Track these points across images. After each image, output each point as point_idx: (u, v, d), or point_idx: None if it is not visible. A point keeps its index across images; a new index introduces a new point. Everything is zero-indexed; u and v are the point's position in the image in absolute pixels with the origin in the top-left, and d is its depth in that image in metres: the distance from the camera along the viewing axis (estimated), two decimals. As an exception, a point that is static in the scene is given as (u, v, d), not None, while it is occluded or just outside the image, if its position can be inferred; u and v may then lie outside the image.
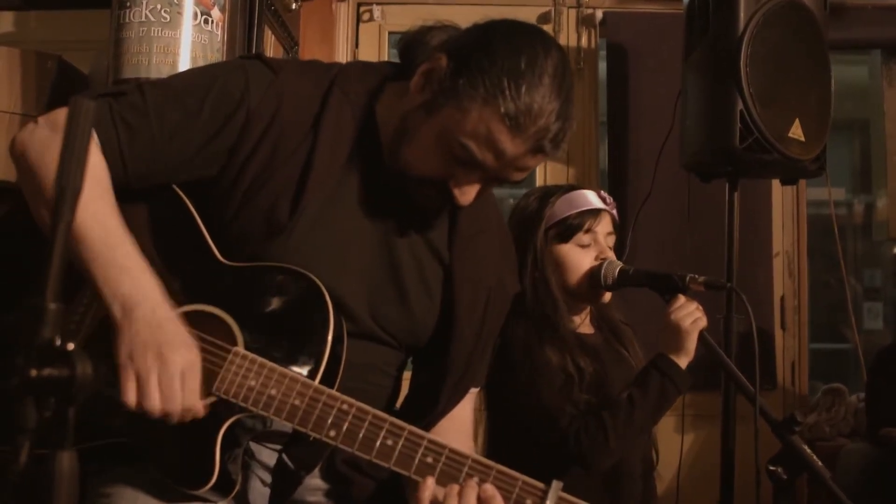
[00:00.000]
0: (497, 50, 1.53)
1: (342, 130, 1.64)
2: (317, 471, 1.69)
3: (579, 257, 2.33)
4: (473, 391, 1.80)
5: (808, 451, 1.84)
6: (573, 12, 4.27)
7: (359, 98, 1.67)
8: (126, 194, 1.56)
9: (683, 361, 2.19)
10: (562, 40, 4.20)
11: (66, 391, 0.93)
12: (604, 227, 2.35)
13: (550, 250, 2.33)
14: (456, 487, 1.42)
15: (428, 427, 1.63)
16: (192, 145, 1.57)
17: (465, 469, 1.42)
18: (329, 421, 1.45)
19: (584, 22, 4.27)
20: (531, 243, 2.31)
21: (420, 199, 1.63)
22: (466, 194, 1.59)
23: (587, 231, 2.33)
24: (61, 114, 1.55)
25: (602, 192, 2.41)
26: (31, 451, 0.92)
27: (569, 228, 2.32)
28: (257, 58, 1.69)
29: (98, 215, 1.44)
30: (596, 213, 2.34)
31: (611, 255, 2.35)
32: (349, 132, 1.65)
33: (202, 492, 1.49)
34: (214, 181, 1.60)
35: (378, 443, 1.44)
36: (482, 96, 1.50)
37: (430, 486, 1.43)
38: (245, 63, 1.67)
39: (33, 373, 0.92)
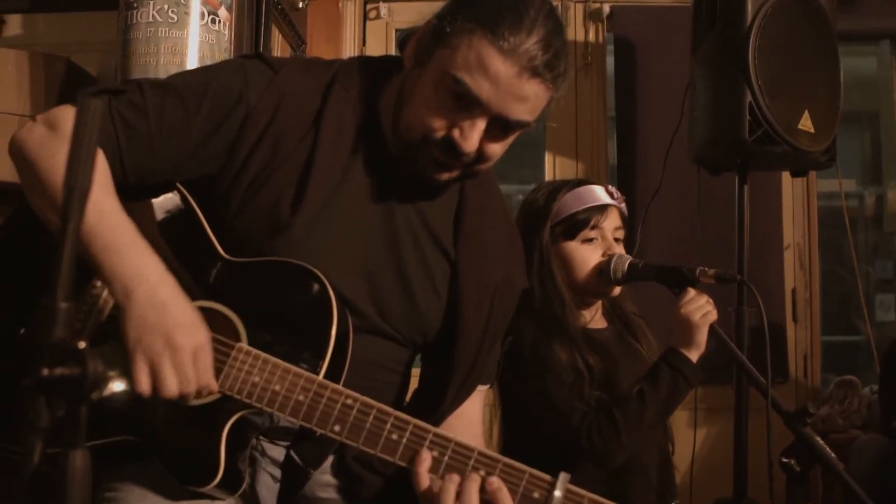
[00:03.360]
0: None
1: (344, 126, 1.64)
2: (328, 467, 1.70)
3: (586, 254, 2.32)
4: (482, 388, 1.80)
5: (821, 442, 1.83)
6: (580, 7, 4.27)
7: (360, 93, 1.67)
8: (129, 192, 1.56)
9: (694, 355, 2.18)
10: (569, 35, 4.18)
11: (77, 390, 0.93)
12: (611, 222, 2.34)
13: (557, 247, 2.32)
14: (456, 477, 1.41)
15: (436, 424, 1.62)
16: (190, 143, 1.58)
17: (472, 462, 1.41)
18: (333, 416, 1.44)
19: (592, 16, 4.27)
20: (537, 240, 2.30)
21: (429, 168, 1.60)
22: (469, 139, 1.54)
23: (593, 227, 2.32)
24: (59, 112, 1.55)
25: (610, 186, 2.40)
26: (44, 451, 0.92)
27: (575, 225, 2.32)
28: (257, 57, 1.69)
29: (93, 200, 1.43)
30: (603, 208, 2.33)
31: (618, 250, 2.34)
32: (351, 128, 1.65)
33: (208, 489, 1.48)
34: (215, 180, 1.60)
35: (383, 437, 1.43)
36: (468, 29, 1.51)
37: (425, 459, 1.42)
38: (245, 62, 1.67)
39: (45, 372, 0.92)
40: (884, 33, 4.31)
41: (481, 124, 1.54)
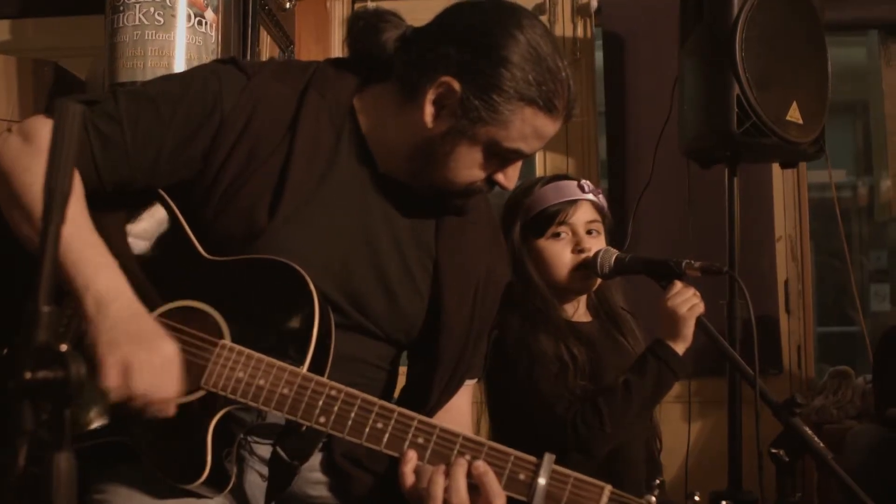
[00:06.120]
0: (497, 45, 1.57)
1: (320, 131, 1.65)
2: (317, 464, 1.70)
3: (556, 250, 2.31)
4: (470, 383, 1.81)
5: (809, 432, 1.83)
6: (568, 2, 4.26)
7: (337, 98, 1.68)
8: (108, 196, 1.58)
9: (681, 347, 2.18)
10: (557, 31, 4.19)
11: (61, 392, 0.93)
12: (582, 215, 2.33)
13: (528, 246, 2.32)
14: (445, 468, 1.42)
15: None
16: (165, 152, 1.58)
17: (457, 447, 1.42)
18: (318, 407, 1.45)
19: (580, 11, 4.26)
20: (510, 239, 2.30)
21: (461, 202, 1.72)
22: (513, 179, 1.70)
23: (560, 223, 2.31)
24: (34, 122, 1.56)
25: (583, 181, 2.38)
26: (29, 454, 0.93)
27: (541, 222, 2.32)
28: (231, 62, 1.70)
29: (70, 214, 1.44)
30: (571, 203, 2.33)
31: (591, 243, 2.32)
32: (328, 133, 1.66)
33: (195, 486, 1.49)
34: (193, 185, 1.61)
35: (368, 426, 1.44)
36: (519, 107, 1.57)
37: (411, 459, 1.43)
38: (219, 68, 1.68)
39: (28, 375, 0.93)
40: (871, 23, 4.30)
41: (519, 164, 1.70)
